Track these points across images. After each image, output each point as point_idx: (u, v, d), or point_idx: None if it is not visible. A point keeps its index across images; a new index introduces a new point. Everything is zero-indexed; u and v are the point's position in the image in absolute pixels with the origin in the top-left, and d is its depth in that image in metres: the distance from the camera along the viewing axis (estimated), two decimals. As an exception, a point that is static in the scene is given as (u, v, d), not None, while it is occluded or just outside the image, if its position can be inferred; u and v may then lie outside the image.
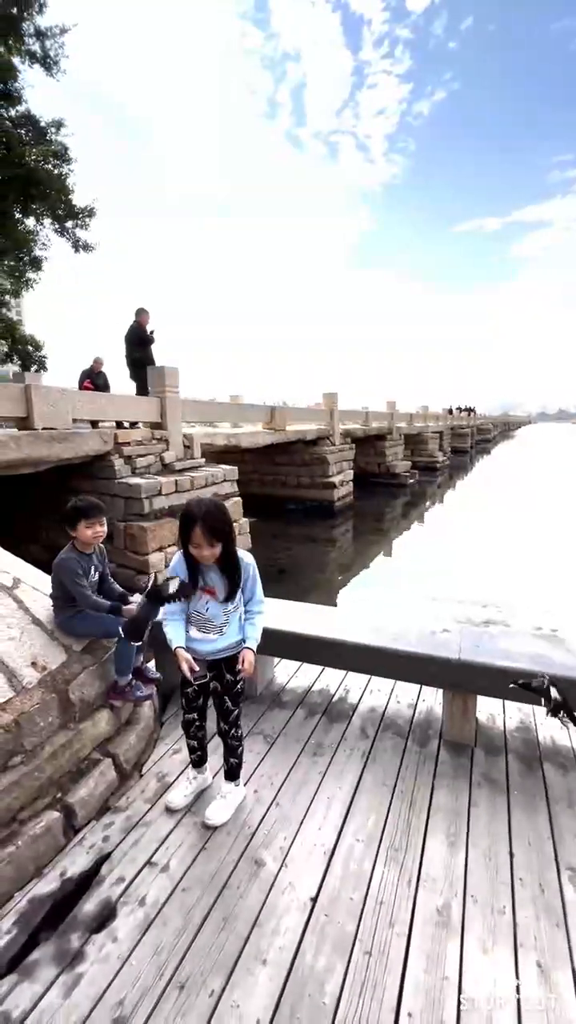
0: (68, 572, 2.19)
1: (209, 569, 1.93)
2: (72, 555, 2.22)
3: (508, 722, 2.72)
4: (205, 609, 1.96)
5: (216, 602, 1.95)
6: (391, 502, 16.76)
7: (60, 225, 15.14)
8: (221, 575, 1.93)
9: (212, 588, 1.95)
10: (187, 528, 1.82)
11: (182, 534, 1.85)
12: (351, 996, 1.42)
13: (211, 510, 1.82)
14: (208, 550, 1.84)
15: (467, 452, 36.72)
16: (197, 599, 1.96)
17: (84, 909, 1.68)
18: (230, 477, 8.87)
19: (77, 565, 2.21)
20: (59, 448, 6.42)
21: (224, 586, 1.94)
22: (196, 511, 1.80)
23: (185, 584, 1.91)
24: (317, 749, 2.51)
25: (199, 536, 1.80)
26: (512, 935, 1.60)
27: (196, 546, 1.83)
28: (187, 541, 1.84)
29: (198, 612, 1.97)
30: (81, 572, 2.22)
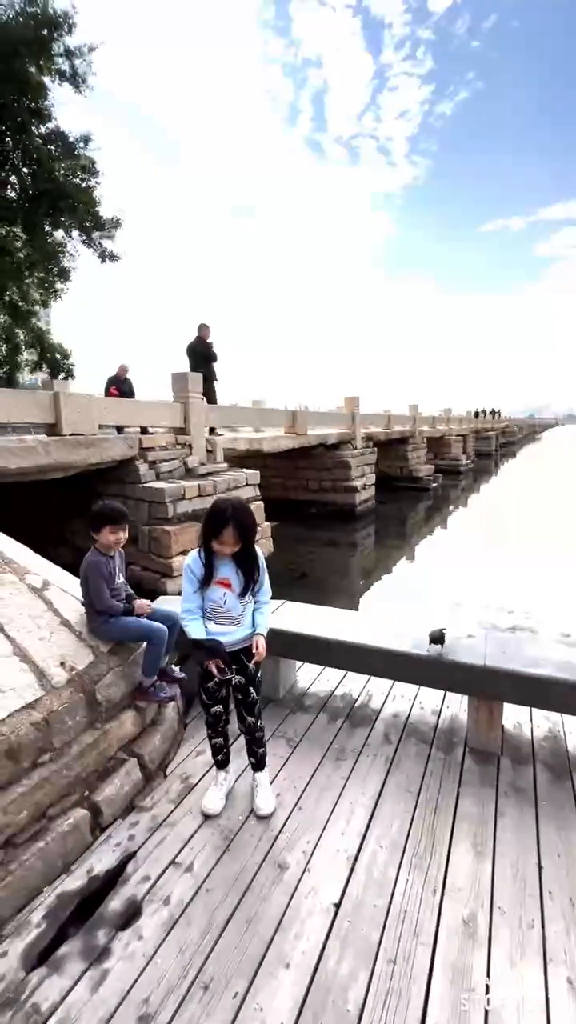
0: (93, 573, 2.24)
1: (223, 562, 1.98)
2: (99, 558, 2.27)
3: (536, 731, 2.65)
4: (223, 601, 2.00)
5: (233, 594, 2.00)
6: (414, 506, 16.58)
7: (87, 236, 15.55)
8: (236, 568, 1.98)
9: (227, 580, 1.99)
10: (218, 526, 1.86)
11: (209, 531, 1.89)
12: (375, 1005, 1.41)
13: (243, 510, 1.89)
14: (231, 547, 1.90)
15: (491, 455, 36.10)
16: (213, 591, 1.99)
17: (110, 906, 1.71)
18: (252, 481, 8.92)
19: (104, 568, 2.26)
20: (86, 453, 6.57)
21: (241, 580, 2.00)
22: (229, 511, 1.86)
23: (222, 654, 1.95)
24: (340, 754, 2.49)
25: (230, 534, 1.86)
26: (541, 949, 1.56)
27: (223, 543, 1.89)
28: (214, 537, 1.89)
29: (215, 604, 2.01)
30: (107, 574, 2.27)
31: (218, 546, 1.90)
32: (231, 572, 1.99)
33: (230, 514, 1.85)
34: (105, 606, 2.27)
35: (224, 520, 1.85)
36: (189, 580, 1.97)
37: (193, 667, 2.30)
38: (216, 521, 1.87)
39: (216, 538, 1.89)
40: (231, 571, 1.99)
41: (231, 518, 1.84)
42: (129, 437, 7.30)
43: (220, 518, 1.86)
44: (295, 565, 9.57)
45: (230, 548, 1.91)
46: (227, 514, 1.85)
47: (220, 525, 1.86)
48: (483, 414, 42.18)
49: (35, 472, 6.13)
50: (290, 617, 2.91)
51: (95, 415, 6.84)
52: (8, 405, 6.00)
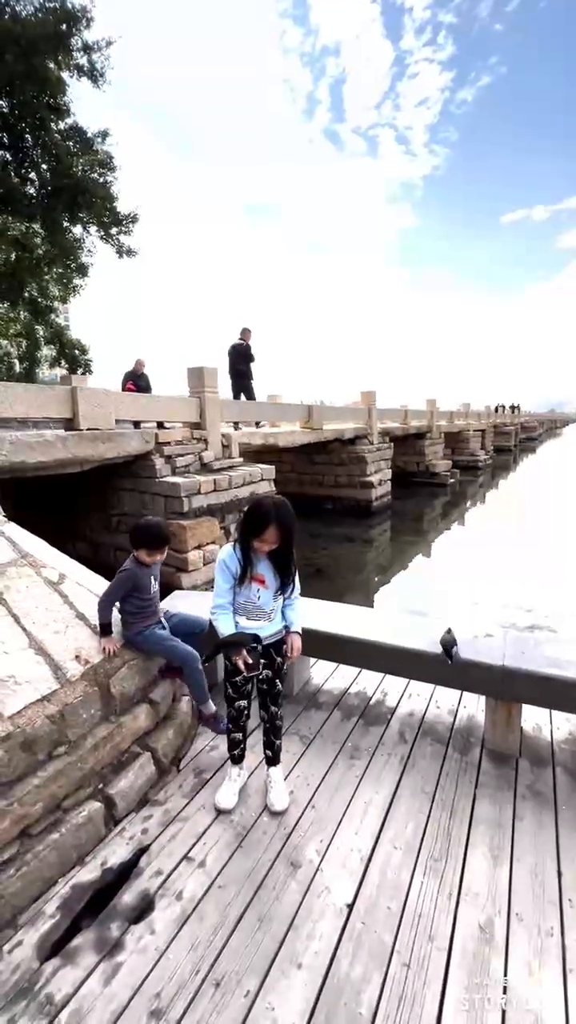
0: (118, 581, 2.27)
1: (260, 560, 1.98)
2: (133, 568, 2.29)
3: (556, 733, 2.59)
4: (257, 597, 2.01)
5: (267, 591, 2.01)
6: (430, 502, 16.39)
7: (105, 232, 15.62)
8: (271, 565, 1.99)
9: (262, 577, 1.99)
10: (260, 525, 1.85)
11: (251, 528, 1.88)
12: (388, 1009, 1.39)
13: (285, 510, 1.87)
14: (271, 546, 1.90)
15: (510, 451, 35.50)
16: (247, 588, 1.99)
17: (123, 900, 1.72)
18: (267, 476, 8.90)
19: (135, 578, 2.28)
20: (103, 448, 6.62)
21: (277, 578, 2.00)
22: (273, 512, 1.84)
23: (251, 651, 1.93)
24: (354, 752, 2.47)
25: (272, 534, 1.85)
26: (561, 958, 1.52)
27: (264, 541, 1.88)
28: (255, 536, 1.88)
29: (250, 600, 2.01)
30: (143, 585, 2.30)
31: (258, 544, 1.90)
32: (267, 569, 1.99)
33: (274, 514, 1.84)
34: (102, 611, 2.28)
35: (267, 519, 1.84)
36: (223, 576, 1.96)
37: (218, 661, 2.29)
38: (259, 520, 1.86)
39: (257, 537, 1.88)
40: (267, 568, 1.99)
41: (275, 518, 1.84)
42: (145, 432, 7.34)
43: (263, 517, 1.85)
44: (310, 561, 9.54)
45: (269, 547, 1.90)
46: (271, 514, 1.84)
47: (263, 524, 1.85)
48: (502, 409, 41.46)
49: (53, 466, 6.19)
50: (305, 613, 2.88)
51: (111, 410, 6.88)
52: (27, 400, 6.06)
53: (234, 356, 10.20)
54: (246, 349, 10.16)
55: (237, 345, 10.15)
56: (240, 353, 10.16)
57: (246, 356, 10.21)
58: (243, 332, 10.16)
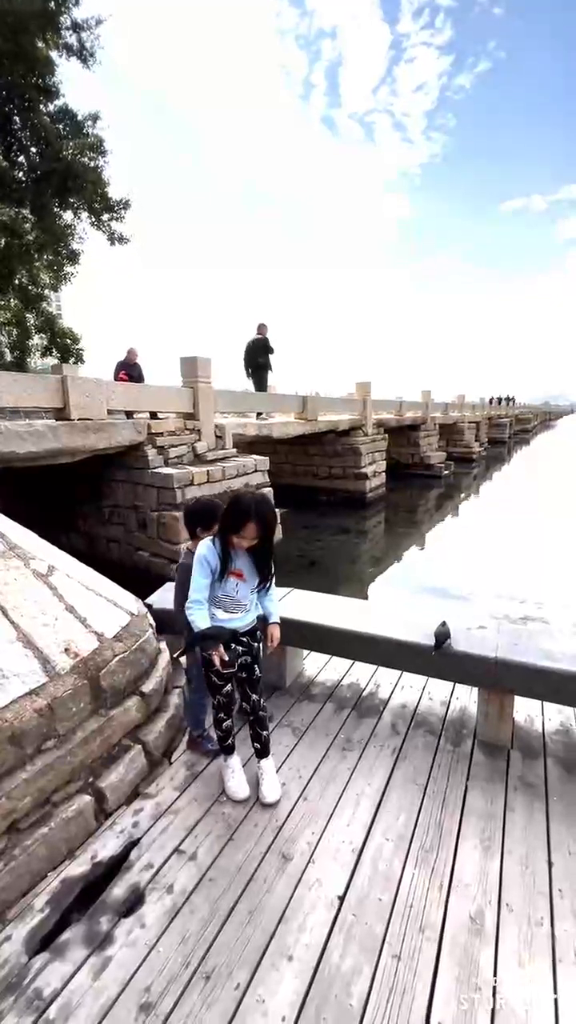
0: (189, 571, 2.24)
1: (238, 555, 1.96)
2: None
3: (547, 724, 2.60)
4: (235, 591, 2.01)
5: (245, 584, 2.01)
6: (425, 494, 16.41)
7: (96, 218, 15.34)
8: (250, 560, 1.98)
9: (240, 571, 1.99)
10: (239, 520, 1.83)
11: (230, 523, 1.86)
12: (379, 1000, 1.39)
13: (266, 505, 1.86)
14: (250, 542, 1.89)
15: (505, 443, 35.56)
16: (226, 582, 1.98)
17: (113, 893, 1.71)
18: (261, 467, 8.85)
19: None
20: (95, 438, 6.54)
21: (255, 572, 2.01)
22: (252, 506, 1.82)
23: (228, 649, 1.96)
24: (346, 744, 2.47)
25: (252, 530, 1.84)
26: (551, 948, 1.53)
27: (243, 537, 1.87)
28: (234, 531, 1.86)
29: (228, 594, 2.01)
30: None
31: (237, 540, 1.88)
32: (245, 564, 1.98)
33: (252, 509, 1.82)
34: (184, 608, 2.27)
35: (247, 515, 1.82)
36: (202, 571, 1.94)
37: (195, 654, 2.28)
38: (238, 515, 1.84)
39: (236, 532, 1.86)
40: (245, 563, 1.98)
41: (254, 513, 1.81)
42: (138, 422, 7.26)
43: (243, 512, 1.82)
44: (304, 553, 9.53)
45: (249, 542, 1.89)
46: (250, 509, 1.82)
47: (242, 519, 1.83)
48: (496, 401, 41.48)
49: (44, 457, 6.12)
50: (298, 605, 2.87)
51: (103, 399, 6.79)
52: (17, 389, 5.96)
53: (253, 350, 10.80)
54: (265, 342, 10.80)
55: (256, 339, 10.75)
56: (260, 346, 10.80)
57: (265, 348, 10.84)
58: (260, 327, 10.77)
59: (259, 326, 10.84)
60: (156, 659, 2.60)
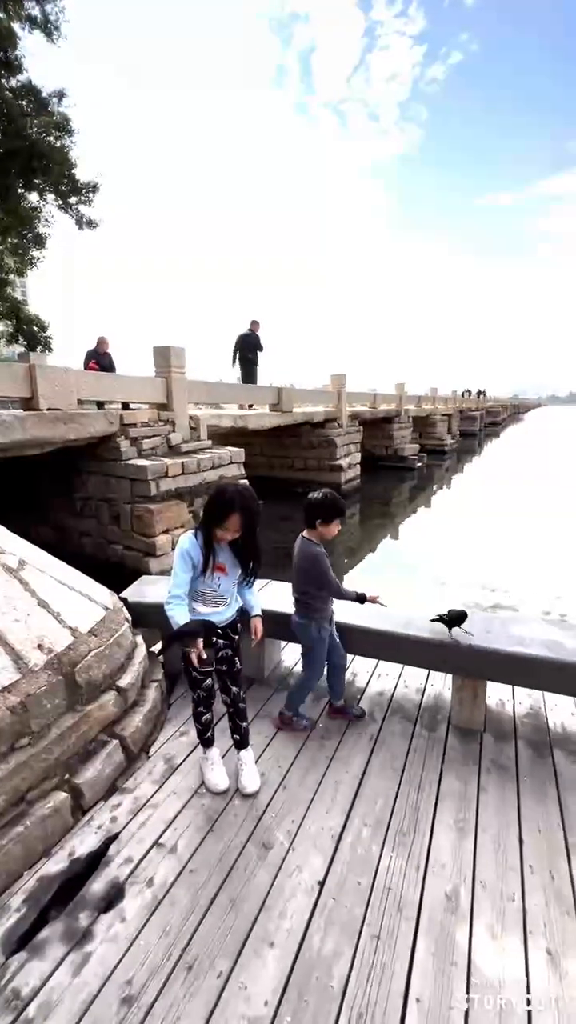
0: (326, 561, 2.33)
1: (221, 548, 1.94)
2: (322, 549, 2.34)
3: (518, 708, 2.69)
4: (217, 585, 1.99)
5: (227, 578, 2.00)
6: (399, 485, 16.60)
7: (63, 201, 14.83)
8: (234, 554, 1.97)
9: (223, 565, 1.97)
10: (224, 513, 1.81)
11: (214, 517, 1.84)
12: (359, 980, 1.42)
13: (249, 498, 1.84)
14: (233, 535, 1.87)
15: (476, 435, 36.26)
16: (209, 576, 1.96)
17: (92, 889, 1.69)
18: (237, 459, 8.79)
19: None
20: (64, 429, 6.35)
21: (238, 566, 2.00)
22: (237, 499, 1.80)
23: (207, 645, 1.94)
24: (324, 732, 2.49)
25: (236, 523, 1.82)
26: (522, 922, 1.59)
27: (226, 530, 1.85)
28: (218, 524, 1.84)
29: (210, 589, 1.99)
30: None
31: (220, 533, 1.86)
32: (227, 558, 1.97)
33: (237, 502, 1.79)
34: (334, 592, 2.36)
35: (230, 507, 1.80)
36: (184, 565, 1.90)
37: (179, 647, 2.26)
38: (221, 507, 1.81)
39: (219, 525, 1.83)
40: (227, 556, 1.97)
41: (239, 506, 1.79)
42: (109, 413, 7.08)
43: (226, 505, 1.80)
44: (280, 544, 9.53)
45: (232, 535, 1.87)
46: (234, 501, 1.79)
47: (226, 512, 1.80)
48: (469, 394, 42.17)
49: (11, 448, 5.91)
50: (275, 597, 2.87)
51: (73, 389, 6.60)
52: (-19, 378, 5.74)
53: (243, 344, 11.19)
54: (256, 339, 11.21)
55: (247, 335, 11.15)
56: (251, 343, 11.21)
57: (255, 345, 11.26)
58: (252, 323, 11.17)
59: (252, 322, 11.18)
60: (133, 653, 2.56)
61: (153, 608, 2.73)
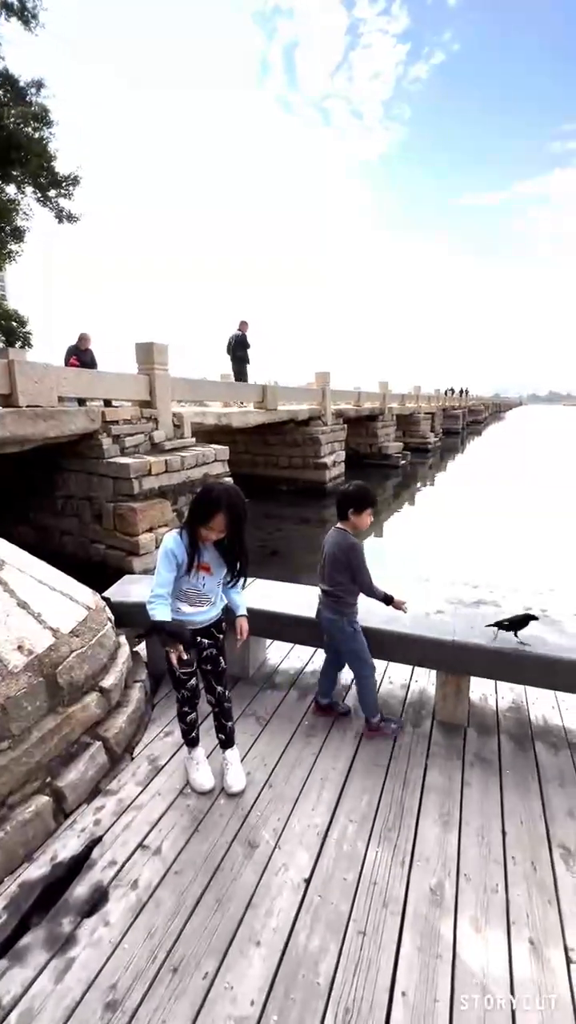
0: (362, 554, 2.30)
1: (206, 547, 1.92)
2: (357, 539, 2.29)
3: (500, 702, 2.73)
4: (202, 585, 1.97)
5: (212, 578, 1.98)
6: (383, 483, 16.71)
7: (42, 194, 14.53)
8: (217, 553, 1.94)
9: (207, 565, 1.95)
10: (209, 513, 1.79)
11: (199, 516, 1.81)
12: (345, 976, 1.42)
13: (236, 499, 1.81)
14: (218, 535, 1.85)
15: (459, 433, 36.68)
16: (194, 576, 1.94)
17: (75, 893, 1.66)
18: (221, 457, 8.74)
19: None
20: (44, 426, 6.25)
21: (223, 566, 1.97)
22: (223, 499, 1.78)
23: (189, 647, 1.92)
24: (310, 730, 2.50)
25: (221, 523, 1.79)
26: (505, 913, 1.61)
27: (211, 530, 1.82)
28: (203, 523, 1.81)
29: (194, 588, 1.96)
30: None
31: (205, 532, 1.83)
32: (212, 557, 1.94)
33: (223, 501, 1.77)
34: (367, 588, 2.32)
35: (216, 506, 1.77)
36: (167, 564, 1.86)
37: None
38: (206, 506, 1.79)
39: (204, 524, 1.81)
40: (213, 556, 1.94)
41: (224, 506, 1.77)
42: (91, 410, 6.98)
43: (212, 504, 1.78)
44: (265, 542, 9.52)
45: (217, 535, 1.84)
46: (220, 501, 1.77)
47: (211, 511, 1.78)
48: (452, 392, 42.60)
49: (-10, 445, 5.80)
50: (260, 595, 2.86)
51: (53, 385, 6.49)
52: (-42, 373, 5.61)
53: (234, 344, 11.66)
54: (244, 339, 11.62)
55: (236, 335, 11.56)
56: (238, 342, 11.65)
57: (243, 344, 11.69)
58: (241, 324, 11.53)
59: (241, 323, 11.53)
60: (116, 653, 2.53)
61: (136, 607, 2.69)
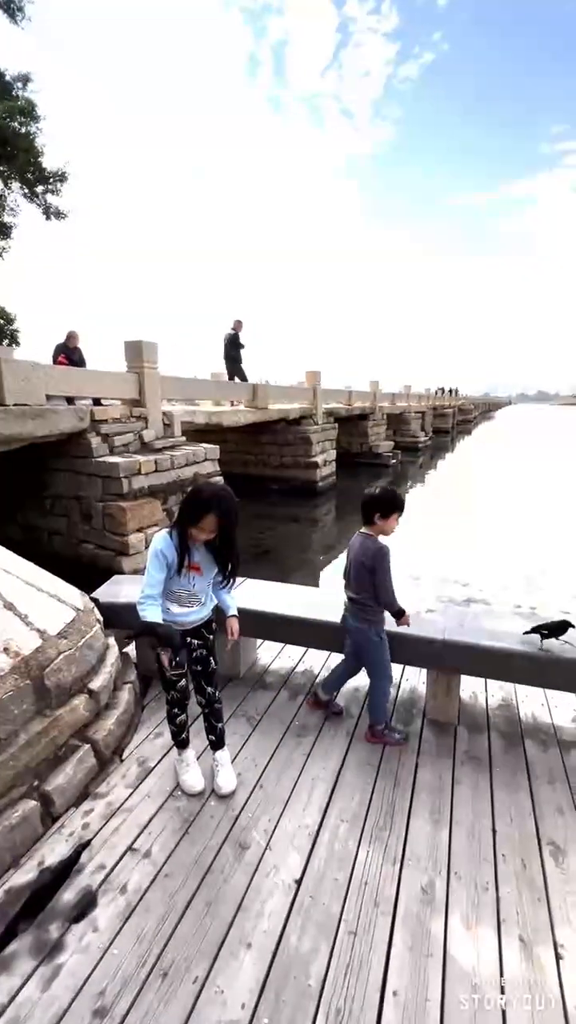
0: (387, 562, 2.23)
1: (196, 547, 1.90)
2: (385, 545, 2.21)
3: (490, 700, 2.74)
4: (192, 585, 1.95)
5: (202, 578, 1.96)
6: (374, 482, 16.70)
7: (30, 189, 14.37)
8: (209, 553, 1.92)
9: (198, 565, 1.93)
10: (199, 513, 1.77)
11: (189, 516, 1.79)
12: (336, 977, 1.42)
13: (227, 499, 1.79)
14: (208, 535, 1.82)
15: (448, 432, 36.89)
16: (184, 576, 1.92)
17: (63, 899, 1.64)
18: (212, 456, 8.70)
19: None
20: (32, 425, 6.17)
21: (213, 566, 1.96)
22: (213, 499, 1.76)
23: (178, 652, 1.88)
24: (301, 730, 2.49)
25: (212, 523, 1.78)
26: (495, 911, 1.62)
27: (201, 530, 1.80)
28: (193, 524, 1.79)
29: (185, 589, 1.94)
30: None
31: (195, 532, 1.81)
32: (203, 557, 1.92)
33: (213, 502, 1.75)
34: (390, 600, 2.25)
35: (206, 507, 1.75)
36: (158, 565, 1.84)
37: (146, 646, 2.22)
38: (196, 507, 1.77)
39: (194, 525, 1.79)
40: (203, 556, 1.92)
41: (215, 506, 1.75)
42: (80, 409, 6.91)
43: (202, 504, 1.76)
44: (256, 542, 9.50)
45: (207, 536, 1.82)
46: (211, 501, 1.75)
47: (200, 512, 1.76)
48: (441, 392, 42.83)
49: (-24, 445, 5.72)
50: (251, 595, 2.85)
51: (41, 384, 6.41)
52: (-57, 371, 5.51)
53: (227, 343, 11.73)
54: (236, 338, 11.73)
55: (229, 334, 11.67)
56: (231, 341, 11.75)
57: (236, 344, 11.78)
58: (235, 323, 11.63)
59: (235, 322, 11.62)
60: (104, 655, 2.50)
61: (126, 608, 2.67)
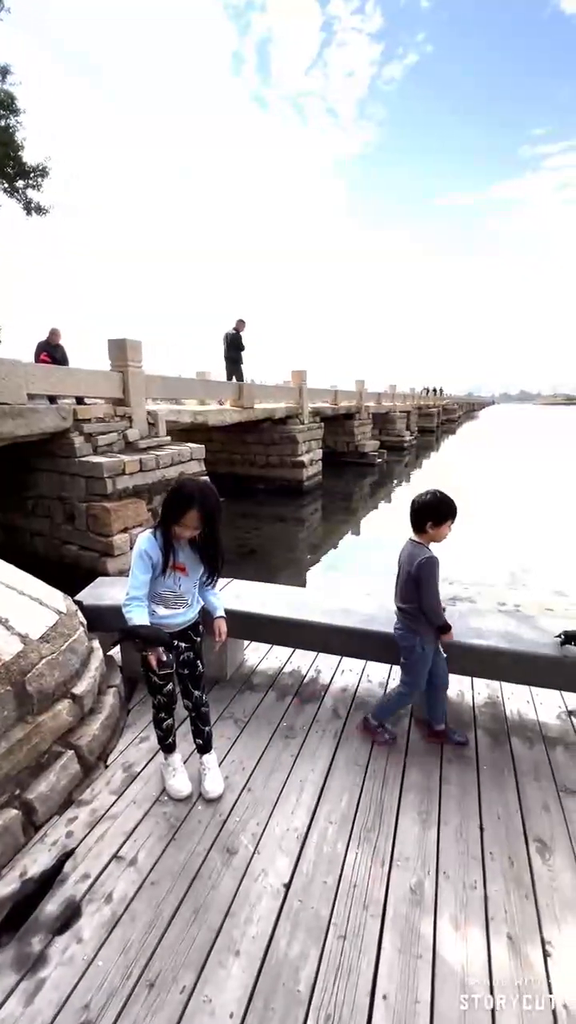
0: (436, 574, 2.12)
1: (181, 547, 1.87)
2: (436, 556, 2.11)
3: (476, 698, 2.75)
4: (178, 586, 1.92)
5: (188, 579, 1.93)
6: (359, 481, 16.81)
7: (9, 184, 14.10)
8: (194, 553, 1.89)
9: (183, 565, 1.90)
10: (181, 509, 1.74)
11: (172, 513, 1.76)
12: (326, 982, 1.40)
13: (209, 495, 1.77)
14: (192, 532, 1.80)
15: (433, 432, 37.22)
16: (169, 577, 1.89)
17: (46, 910, 1.60)
18: (197, 456, 8.64)
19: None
20: (12, 425, 6.05)
21: (199, 566, 1.93)
22: (196, 495, 1.73)
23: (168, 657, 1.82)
24: (289, 732, 2.47)
25: (195, 519, 1.75)
26: (483, 909, 1.62)
27: (185, 527, 1.77)
28: (176, 521, 1.77)
29: (170, 590, 1.91)
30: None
31: (179, 530, 1.78)
32: (188, 557, 1.89)
33: (196, 497, 1.73)
34: (438, 611, 2.15)
35: (188, 503, 1.73)
36: (143, 566, 1.80)
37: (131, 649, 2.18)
38: (179, 503, 1.74)
39: (177, 522, 1.76)
40: (188, 556, 1.89)
41: (197, 502, 1.72)
42: (62, 408, 6.79)
43: (184, 500, 1.73)
44: (243, 541, 9.46)
45: (191, 533, 1.79)
46: (192, 497, 1.72)
47: (183, 508, 1.73)
48: (426, 391, 43.19)
49: (-45, 444, 5.59)
50: (238, 595, 2.82)
51: (22, 382, 6.28)
52: None
53: (228, 343, 11.73)
54: (238, 338, 11.72)
55: (230, 334, 11.66)
56: (232, 342, 11.74)
57: (236, 344, 11.77)
58: (237, 323, 11.62)
59: (238, 321, 11.62)
60: (88, 659, 2.46)
61: (111, 611, 2.62)
